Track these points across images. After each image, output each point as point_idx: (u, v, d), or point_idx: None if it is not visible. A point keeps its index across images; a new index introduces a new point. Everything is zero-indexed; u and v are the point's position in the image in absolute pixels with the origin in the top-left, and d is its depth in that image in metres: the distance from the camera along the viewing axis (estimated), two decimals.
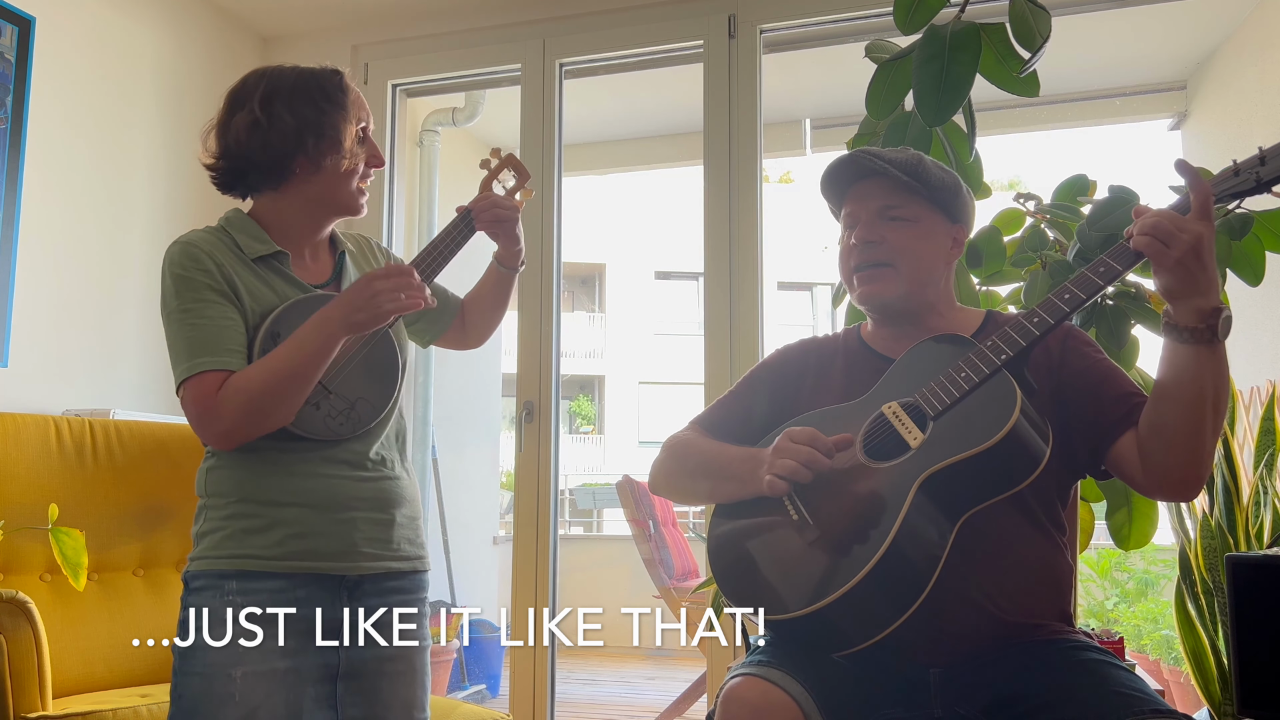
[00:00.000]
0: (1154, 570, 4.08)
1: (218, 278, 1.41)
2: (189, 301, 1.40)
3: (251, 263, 1.46)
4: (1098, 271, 1.26)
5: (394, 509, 1.51)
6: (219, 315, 1.40)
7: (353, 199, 1.50)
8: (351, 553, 1.44)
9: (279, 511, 1.41)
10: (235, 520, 1.42)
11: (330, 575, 1.43)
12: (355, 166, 1.49)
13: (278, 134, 1.43)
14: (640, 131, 4.80)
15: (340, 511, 1.44)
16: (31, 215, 2.64)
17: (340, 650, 1.43)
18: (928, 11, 1.88)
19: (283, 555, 1.40)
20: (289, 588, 1.40)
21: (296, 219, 1.50)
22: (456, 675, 3.96)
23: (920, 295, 1.46)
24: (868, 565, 1.20)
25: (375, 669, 1.45)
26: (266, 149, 1.43)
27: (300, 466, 1.43)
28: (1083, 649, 1.29)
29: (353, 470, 1.47)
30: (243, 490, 1.43)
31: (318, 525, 1.43)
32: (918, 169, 1.45)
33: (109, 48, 2.94)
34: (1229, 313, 1.22)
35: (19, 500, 2.06)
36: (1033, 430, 1.26)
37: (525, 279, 3.17)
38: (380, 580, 1.48)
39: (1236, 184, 1.25)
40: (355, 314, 1.37)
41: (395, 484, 1.52)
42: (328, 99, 1.45)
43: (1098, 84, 4.10)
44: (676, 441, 1.54)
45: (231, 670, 1.34)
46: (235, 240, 1.46)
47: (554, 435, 3.08)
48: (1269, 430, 2.24)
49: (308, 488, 1.43)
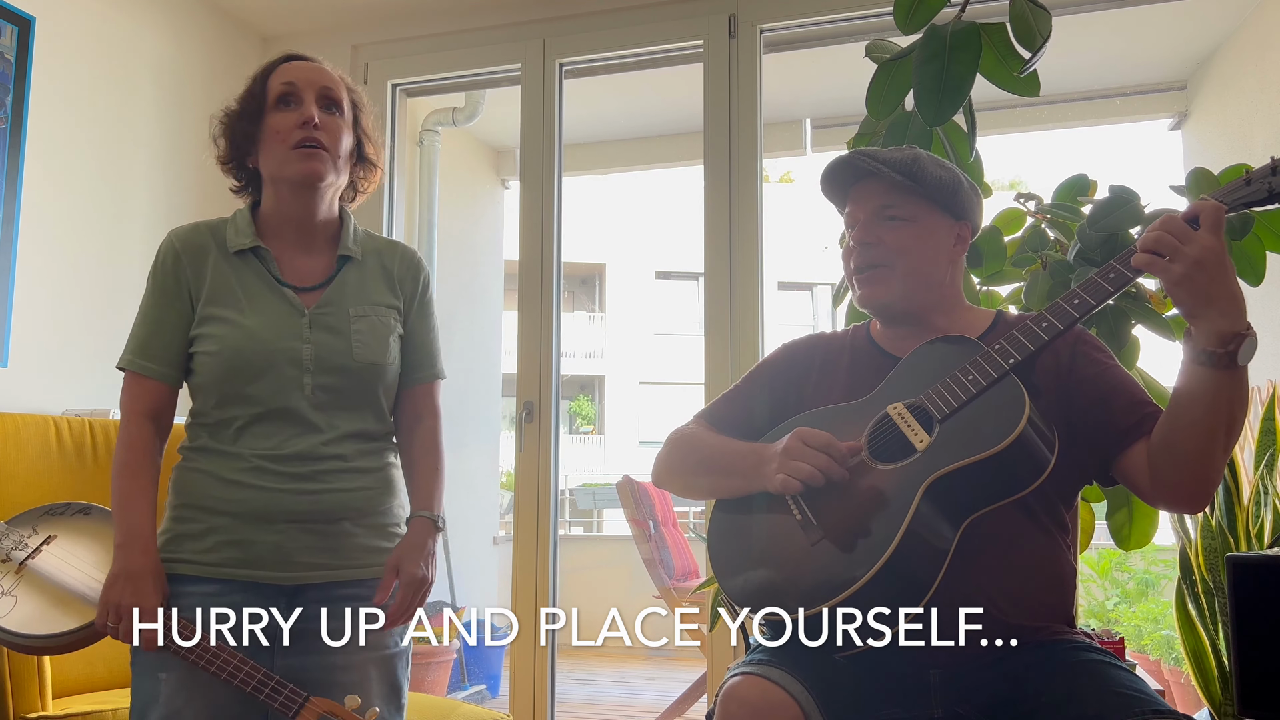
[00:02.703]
0: (1154, 570, 4.07)
1: (174, 279, 1.48)
2: (147, 300, 1.51)
3: (231, 255, 1.48)
4: (1108, 278, 1.24)
5: (342, 520, 1.46)
6: (161, 317, 1.48)
7: (289, 168, 1.46)
8: (286, 563, 1.43)
9: (213, 519, 1.43)
10: (176, 524, 1.45)
11: (265, 584, 1.42)
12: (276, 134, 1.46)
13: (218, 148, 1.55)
14: (640, 131, 4.80)
15: (273, 524, 1.42)
16: (31, 215, 2.64)
17: (275, 658, 1.40)
18: (928, 11, 1.88)
19: (215, 562, 1.41)
20: (221, 593, 1.40)
21: (274, 209, 1.52)
22: (456, 675, 3.95)
23: (922, 295, 1.45)
24: (873, 568, 1.19)
25: (323, 679, 1.41)
26: (225, 163, 1.56)
27: (238, 476, 1.43)
28: (1083, 649, 1.29)
29: (294, 483, 1.43)
30: (186, 494, 1.46)
31: (248, 535, 1.42)
32: (913, 168, 1.43)
33: (109, 48, 2.94)
34: (1254, 337, 1.16)
35: (19, 500, 2.06)
36: (1039, 437, 1.25)
37: (526, 279, 3.17)
38: (328, 588, 1.45)
39: (1248, 194, 1.21)
40: (119, 577, 1.40)
41: (351, 495, 1.47)
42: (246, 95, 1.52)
43: (1098, 84, 4.09)
44: (680, 435, 1.53)
45: (159, 672, 1.36)
46: (226, 233, 1.50)
47: (554, 435, 3.08)
48: (1269, 430, 2.23)
49: (241, 498, 1.42)
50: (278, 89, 1.47)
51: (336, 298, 1.50)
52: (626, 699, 4.64)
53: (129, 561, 1.38)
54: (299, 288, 1.49)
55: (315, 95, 1.48)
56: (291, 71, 1.49)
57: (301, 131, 1.44)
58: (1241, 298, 1.18)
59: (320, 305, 1.48)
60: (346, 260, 1.54)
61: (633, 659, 5.35)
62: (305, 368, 1.44)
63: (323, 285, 1.50)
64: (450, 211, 4.61)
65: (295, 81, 1.47)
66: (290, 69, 1.49)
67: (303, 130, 1.45)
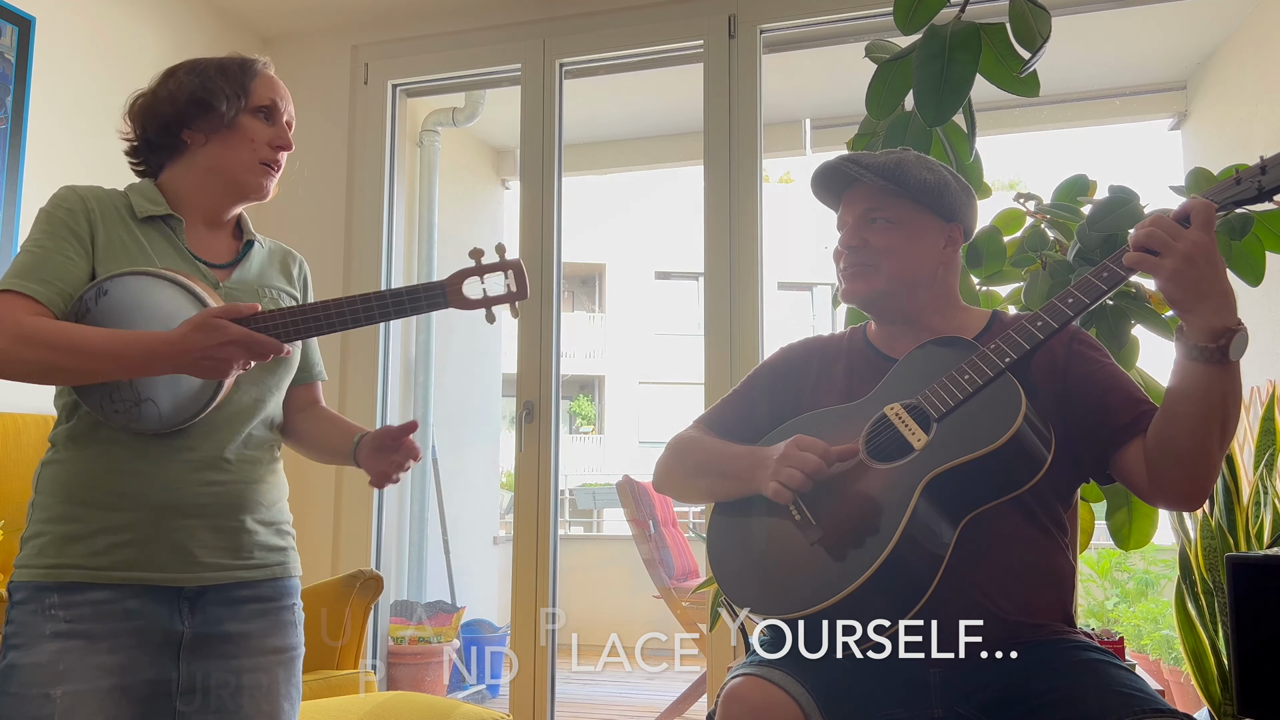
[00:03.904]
0: (1154, 570, 4.08)
1: (80, 220, 1.37)
2: (38, 233, 1.37)
3: (139, 221, 1.41)
4: (1101, 276, 1.26)
5: (244, 514, 1.40)
6: (55, 249, 1.34)
7: (248, 176, 1.45)
8: (187, 563, 1.34)
9: (105, 516, 1.32)
10: (57, 525, 1.33)
11: (165, 587, 1.33)
12: (249, 141, 1.44)
13: (164, 103, 1.44)
14: (640, 131, 4.80)
15: (175, 518, 1.34)
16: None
17: (180, 665, 1.34)
18: (928, 11, 1.89)
19: (108, 565, 1.31)
20: (116, 599, 1.30)
21: (192, 192, 1.45)
22: (456, 675, 3.96)
23: (909, 295, 1.46)
24: (872, 567, 1.20)
25: (232, 681, 1.36)
26: (155, 119, 1.44)
27: (136, 466, 1.33)
28: (1083, 649, 1.30)
29: (199, 472, 1.36)
30: (68, 490, 1.34)
31: (147, 532, 1.32)
32: (895, 171, 1.43)
33: (109, 48, 2.94)
34: (1244, 332, 1.19)
35: (19, 500, 2.05)
36: (1035, 434, 1.26)
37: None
38: (228, 589, 1.38)
39: (1238, 192, 1.24)
40: (191, 362, 1.26)
41: (252, 488, 1.42)
42: (221, 73, 1.45)
43: (1098, 84, 4.10)
44: (680, 440, 1.55)
45: (50, 690, 1.25)
46: (130, 200, 1.43)
47: (554, 435, 3.08)
48: (1269, 430, 2.23)
49: (139, 490, 1.33)
50: (264, 98, 1.47)
51: (245, 278, 1.47)
52: (626, 699, 4.64)
53: (170, 335, 1.27)
54: (209, 263, 1.45)
55: (286, 120, 1.51)
56: (276, 89, 1.50)
57: (272, 152, 1.47)
58: (1232, 294, 1.20)
59: (231, 283, 1.45)
60: (250, 245, 1.51)
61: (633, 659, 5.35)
62: None
63: (231, 265, 1.47)
64: (450, 211, 4.61)
65: (278, 101, 1.49)
66: (276, 86, 1.50)
67: (274, 151, 1.47)
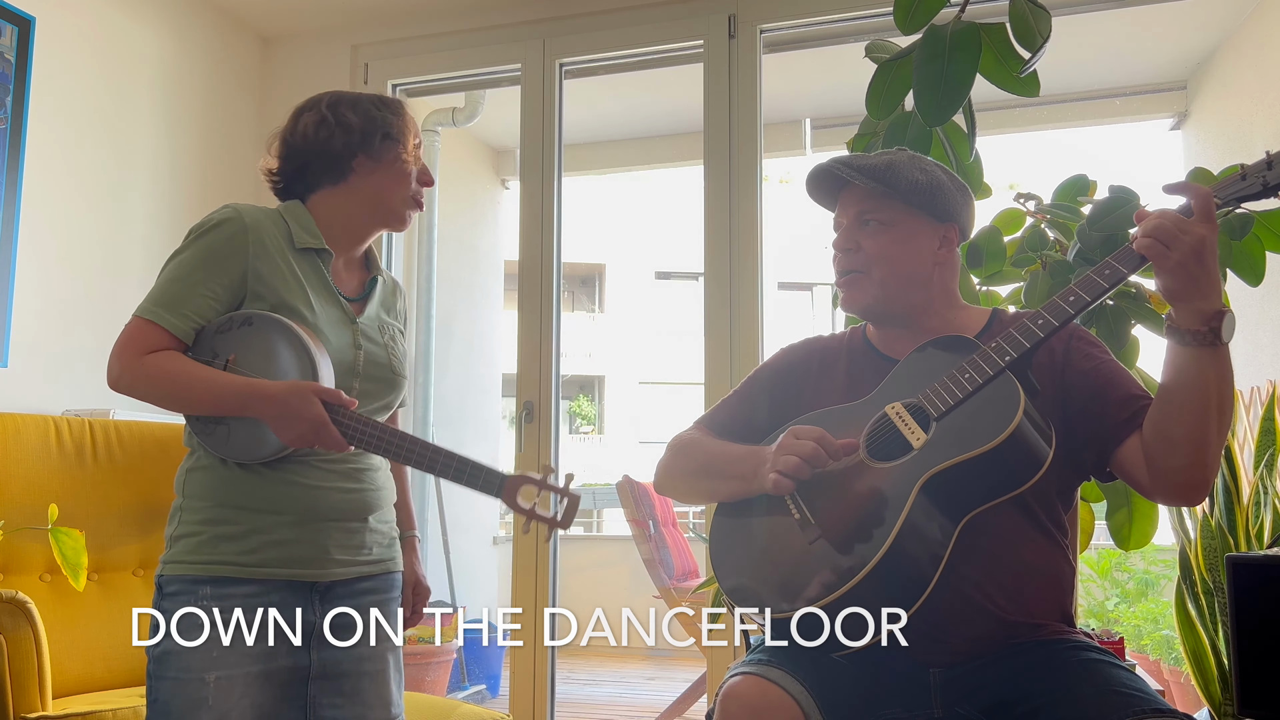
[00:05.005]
0: (1154, 570, 4.08)
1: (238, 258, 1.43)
2: (192, 258, 1.43)
3: (295, 250, 1.49)
4: (1102, 274, 1.26)
5: (369, 515, 1.53)
6: (202, 283, 1.41)
7: (402, 205, 1.56)
8: (324, 560, 1.47)
9: (256, 519, 1.43)
10: (211, 526, 1.43)
11: (303, 581, 1.46)
12: (411, 171, 1.55)
13: (343, 129, 1.52)
14: (640, 131, 4.80)
15: (316, 521, 1.46)
16: (31, 215, 2.64)
17: (312, 653, 1.46)
18: (928, 11, 1.88)
19: (258, 562, 1.42)
20: (263, 593, 1.42)
21: (347, 220, 1.55)
22: (456, 675, 3.96)
23: (904, 298, 1.45)
24: (869, 564, 1.20)
25: (354, 669, 1.49)
26: (331, 141, 1.51)
27: (282, 474, 1.45)
28: (1083, 649, 1.29)
29: (339, 481, 1.49)
30: (221, 495, 1.44)
31: (293, 534, 1.44)
32: (886, 173, 1.43)
33: (109, 48, 2.94)
34: (1232, 315, 1.22)
35: (19, 500, 2.06)
36: (1035, 432, 1.26)
37: (526, 279, 3.17)
38: (352, 583, 1.51)
39: (1243, 188, 1.24)
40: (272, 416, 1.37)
41: (377, 494, 1.55)
42: (388, 108, 1.56)
43: (1098, 84, 4.10)
44: (680, 441, 1.54)
45: (205, 674, 1.36)
46: (289, 226, 1.50)
47: (554, 435, 3.08)
48: (1269, 430, 2.23)
49: (288, 495, 1.44)
50: (418, 137, 1.59)
51: (371, 313, 1.58)
52: (626, 699, 4.64)
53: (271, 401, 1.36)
54: (346, 297, 1.55)
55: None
56: (417, 129, 1.61)
57: (419, 188, 1.58)
58: (1220, 281, 1.24)
59: (363, 319, 1.56)
60: (375, 281, 1.62)
61: (633, 659, 5.36)
62: (355, 372, 1.51)
63: (361, 299, 1.58)
64: (450, 211, 4.61)
65: (420, 141, 1.60)
66: (418, 130, 1.61)
67: (422, 187, 1.59)
